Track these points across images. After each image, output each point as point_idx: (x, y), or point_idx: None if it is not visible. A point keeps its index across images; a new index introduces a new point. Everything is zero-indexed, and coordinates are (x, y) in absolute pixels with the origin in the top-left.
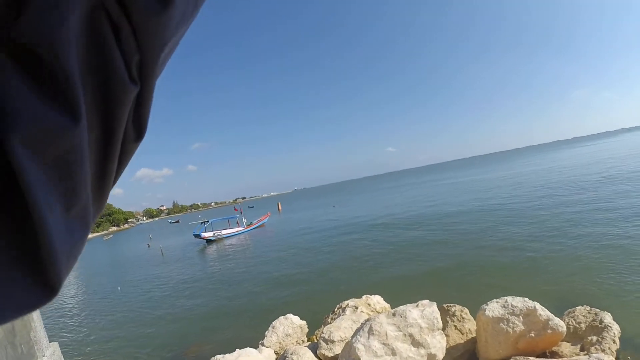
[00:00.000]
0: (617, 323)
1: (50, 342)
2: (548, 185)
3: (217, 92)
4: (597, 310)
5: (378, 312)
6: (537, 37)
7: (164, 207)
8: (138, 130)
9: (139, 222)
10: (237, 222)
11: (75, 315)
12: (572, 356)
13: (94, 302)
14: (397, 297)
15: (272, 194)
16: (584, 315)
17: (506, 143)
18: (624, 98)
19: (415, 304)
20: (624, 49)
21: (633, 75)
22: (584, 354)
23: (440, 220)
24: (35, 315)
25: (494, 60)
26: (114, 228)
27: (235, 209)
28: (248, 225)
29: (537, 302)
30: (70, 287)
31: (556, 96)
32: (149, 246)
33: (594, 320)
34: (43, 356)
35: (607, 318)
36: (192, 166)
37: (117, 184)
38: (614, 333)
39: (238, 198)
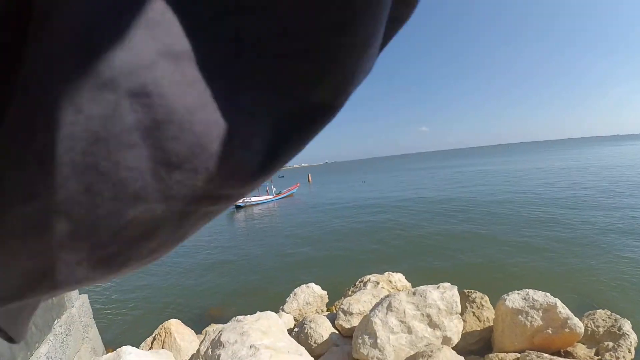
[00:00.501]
0: (635, 333)
1: (80, 294)
2: (585, 182)
3: None
4: (617, 316)
5: (398, 290)
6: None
7: None
8: None
9: None
10: (267, 190)
11: None
12: (586, 359)
13: None
14: (419, 277)
15: (303, 164)
16: (603, 320)
17: (536, 133)
18: None
19: (437, 286)
20: None
21: None
22: (598, 359)
23: (470, 207)
24: None
25: (525, 46)
26: None
27: None
28: (277, 194)
29: (559, 299)
30: None
31: (593, 91)
32: None
33: (612, 326)
34: (72, 307)
35: (627, 326)
36: None
37: None
38: (631, 342)
39: None
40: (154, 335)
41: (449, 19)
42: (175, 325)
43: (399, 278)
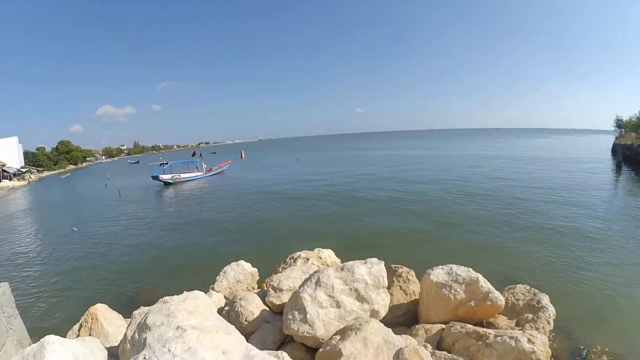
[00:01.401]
0: (553, 306)
1: (0, 282)
2: (507, 169)
3: (184, 27)
4: (536, 290)
5: (328, 266)
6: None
7: (125, 147)
8: None
9: (98, 161)
10: (197, 167)
11: (29, 255)
12: (507, 329)
13: (49, 241)
14: (349, 253)
15: (236, 141)
16: (523, 294)
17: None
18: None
19: (364, 261)
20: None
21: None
22: (519, 329)
23: (398, 187)
24: None
25: (464, 32)
26: (72, 166)
27: (194, 154)
28: (208, 171)
29: (481, 274)
30: (26, 226)
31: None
32: (106, 186)
33: (532, 299)
34: None
35: (545, 300)
36: (156, 106)
37: (77, 121)
38: (549, 315)
39: (202, 142)
40: (80, 322)
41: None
42: (101, 310)
43: (328, 254)
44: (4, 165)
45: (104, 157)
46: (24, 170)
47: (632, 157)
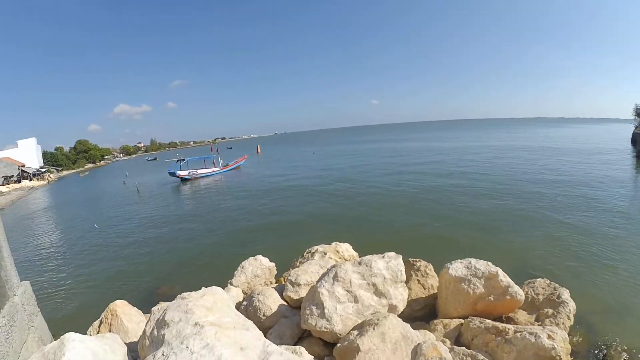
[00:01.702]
0: (573, 301)
1: (21, 281)
2: (529, 160)
3: (200, 32)
4: (556, 285)
5: (346, 260)
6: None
7: (142, 145)
8: None
9: (116, 159)
10: (213, 163)
11: (50, 253)
12: (527, 325)
13: (70, 239)
14: (367, 247)
15: (252, 135)
16: (543, 288)
17: (486, 112)
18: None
19: (382, 255)
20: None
21: (626, 68)
22: (539, 325)
23: (415, 180)
24: (6, 253)
25: (481, 32)
26: (90, 165)
27: (212, 149)
28: (224, 167)
29: (500, 268)
30: (46, 225)
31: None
32: (124, 183)
33: (552, 294)
34: (14, 295)
35: (565, 294)
36: (171, 103)
37: (94, 120)
38: (570, 310)
39: (217, 138)
40: (100, 318)
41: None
42: (121, 307)
43: (346, 248)
44: (24, 166)
45: (121, 155)
46: (43, 170)
47: None
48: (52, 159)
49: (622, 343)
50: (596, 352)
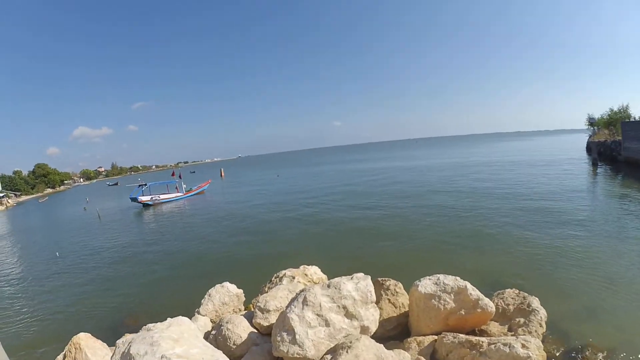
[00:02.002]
0: (544, 308)
1: None
2: (486, 175)
3: (155, 46)
4: (526, 294)
5: (315, 283)
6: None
7: (102, 169)
8: None
9: (76, 184)
10: (177, 188)
11: (9, 283)
12: (500, 335)
13: (30, 267)
14: (335, 269)
15: (215, 159)
16: (512, 298)
17: (444, 129)
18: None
19: (350, 277)
20: (574, 50)
21: (581, 76)
22: (512, 334)
23: (380, 197)
24: None
25: (434, 42)
26: (50, 190)
27: (173, 174)
28: (187, 192)
29: (469, 281)
30: (5, 253)
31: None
32: (85, 209)
33: (522, 303)
34: None
35: (535, 302)
36: (133, 126)
37: (53, 143)
38: (541, 317)
39: (180, 162)
40: (64, 352)
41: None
42: (85, 340)
43: (314, 271)
44: None
45: (82, 180)
46: (1, 195)
47: (606, 153)
48: (10, 183)
49: (596, 345)
50: (572, 355)
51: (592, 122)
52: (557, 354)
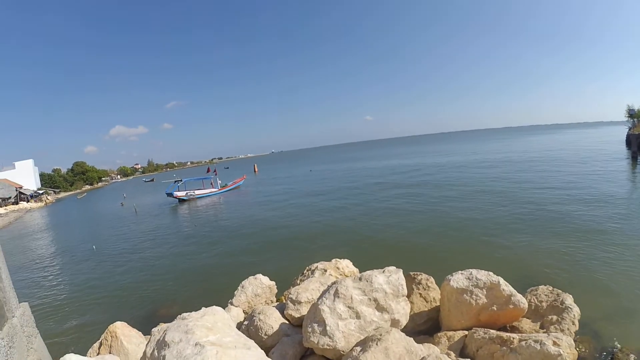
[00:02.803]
0: (577, 306)
1: (20, 302)
2: (527, 168)
3: (197, 53)
4: (559, 291)
5: (346, 276)
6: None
7: (139, 166)
8: None
9: (113, 181)
10: (212, 183)
11: (48, 275)
12: (532, 333)
13: (68, 260)
14: (367, 262)
15: (249, 155)
16: (546, 295)
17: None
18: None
19: (382, 270)
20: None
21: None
22: (543, 332)
23: (413, 193)
24: (4, 275)
25: (470, 38)
26: (88, 186)
27: (209, 170)
28: (222, 187)
29: (501, 277)
30: (44, 246)
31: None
32: (122, 205)
33: (555, 300)
34: (13, 317)
35: (569, 300)
36: (167, 124)
37: (91, 142)
38: (574, 315)
39: (214, 158)
40: (100, 340)
41: (392, 12)
42: (121, 328)
43: (346, 264)
44: (21, 188)
45: (119, 177)
46: (40, 192)
47: None
48: (49, 181)
49: (628, 346)
50: (602, 356)
51: (632, 113)
52: (588, 353)
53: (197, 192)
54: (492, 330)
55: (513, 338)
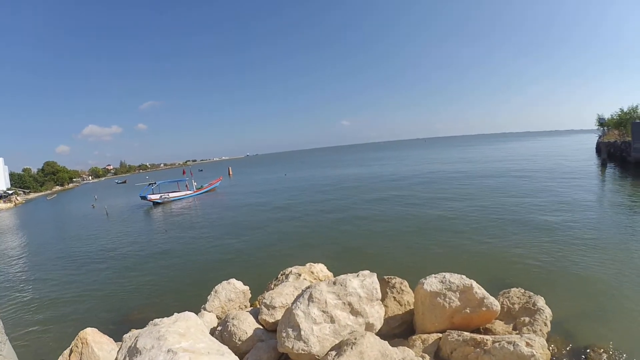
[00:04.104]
0: (549, 307)
1: None
2: (494, 173)
3: (162, 41)
4: (531, 293)
5: (321, 280)
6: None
7: (111, 167)
8: None
9: (85, 182)
10: (187, 185)
11: (17, 279)
12: (505, 334)
13: (38, 264)
14: (341, 266)
15: (223, 157)
16: (518, 297)
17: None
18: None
19: (356, 274)
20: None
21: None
22: (516, 333)
23: (384, 197)
24: None
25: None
26: (58, 187)
27: (184, 172)
28: (198, 189)
29: (474, 280)
30: (12, 249)
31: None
32: (93, 207)
33: (527, 302)
34: None
35: (540, 302)
36: (142, 125)
37: (62, 141)
38: (546, 316)
39: (188, 160)
40: (71, 347)
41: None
42: (92, 335)
43: (320, 268)
44: None
45: (90, 178)
46: (10, 192)
47: (616, 154)
48: (19, 181)
49: (600, 345)
50: (576, 356)
51: (602, 122)
52: (562, 353)
53: (171, 194)
54: (465, 333)
55: (487, 340)
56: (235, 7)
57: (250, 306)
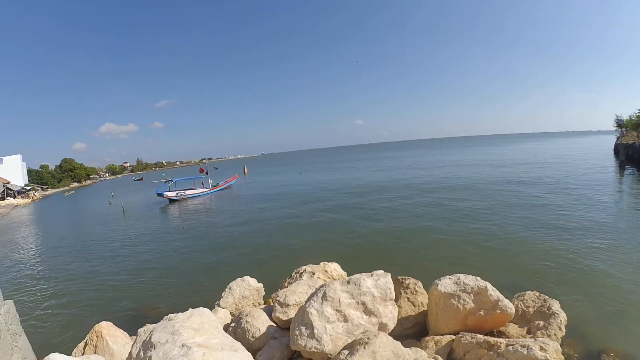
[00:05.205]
0: (564, 311)
1: (4, 299)
2: (511, 175)
3: (188, 54)
4: (546, 297)
5: (334, 279)
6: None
7: (128, 164)
8: None
9: (102, 179)
10: (202, 183)
11: (34, 273)
12: (519, 338)
13: (54, 259)
14: (355, 266)
15: (239, 156)
16: (532, 300)
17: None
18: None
19: (370, 274)
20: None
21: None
22: (530, 337)
23: (402, 196)
24: None
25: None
26: (76, 184)
27: (201, 170)
28: (214, 187)
29: (489, 282)
30: (31, 243)
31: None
32: (110, 203)
33: (542, 306)
34: None
35: (555, 306)
36: (158, 123)
37: (80, 138)
38: (561, 321)
39: (204, 158)
40: (85, 340)
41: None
42: (106, 328)
43: (334, 267)
44: (8, 183)
45: (107, 175)
46: (28, 188)
47: (634, 156)
48: (37, 177)
49: (614, 350)
50: (589, 359)
51: (620, 123)
52: (575, 358)
53: (187, 192)
54: (479, 335)
55: (500, 343)
56: (249, 2)
57: (264, 304)
